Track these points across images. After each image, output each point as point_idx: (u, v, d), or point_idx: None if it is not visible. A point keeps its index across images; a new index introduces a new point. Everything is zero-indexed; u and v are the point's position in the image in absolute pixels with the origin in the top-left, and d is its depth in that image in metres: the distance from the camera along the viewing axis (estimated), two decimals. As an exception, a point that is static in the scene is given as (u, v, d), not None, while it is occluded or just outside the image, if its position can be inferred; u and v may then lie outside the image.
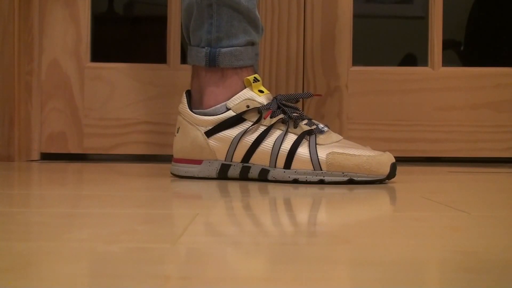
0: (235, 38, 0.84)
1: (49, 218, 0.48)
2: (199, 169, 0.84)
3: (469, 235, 0.42)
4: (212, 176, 0.83)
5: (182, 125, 0.85)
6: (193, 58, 0.86)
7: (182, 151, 0.84)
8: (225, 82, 0.84)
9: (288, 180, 0.79)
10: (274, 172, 0.80)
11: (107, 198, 0.62)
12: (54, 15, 1.24)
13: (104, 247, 0.36)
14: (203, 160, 0.83)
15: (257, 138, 0.80)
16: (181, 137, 0.84)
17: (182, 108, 0.85)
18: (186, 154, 0.84)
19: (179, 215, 0.51)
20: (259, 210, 0.55)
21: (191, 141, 0.83)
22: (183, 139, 0.84)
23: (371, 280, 0.30)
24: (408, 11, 2.58)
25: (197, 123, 0.83)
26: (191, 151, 0.84)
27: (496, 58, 1.75)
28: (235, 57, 0.84)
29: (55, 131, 1.24)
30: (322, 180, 0.78)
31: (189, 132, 0.84)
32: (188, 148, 0.84)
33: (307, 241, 0.39)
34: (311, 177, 0.78)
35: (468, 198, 0.64)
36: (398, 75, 1.27)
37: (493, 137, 1.26)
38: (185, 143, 0.84)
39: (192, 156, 0.84)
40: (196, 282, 0.29)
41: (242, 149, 0.81)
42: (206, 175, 0.84)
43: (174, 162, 0.86)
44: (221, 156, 0.82)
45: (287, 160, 0.79)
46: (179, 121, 0.85)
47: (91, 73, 1.24)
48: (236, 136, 0.81)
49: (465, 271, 0.32)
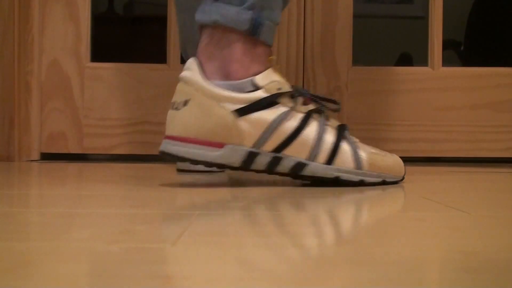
0: (274, 12, 0.73)
1: (49, 218, 0.48)
2: (220, 154, 0.68)
3: (469, 235, 0.42)
4: (233, 165, 0.69)
5: (195, 98, 0.68)
6: (227, 18, 0.70)
7: (197, 130, 0.68)
8: (255, 56, 0.72)
9: (329, 177, 0.71)
10: (312, 167, 0.70)
11: (107, 198, 0.62)
12: (54, 15, 1.24)
13: (104, 247, 0.36)
14: (226, 144, 0.68)
15: (298, 126, 0.70)
16: (196, 113, 0.68)
17: (194, 77, 0.69)
18: (203, 134, 0.68)
19: (179, 215, 0.51)
20: (260, 210, 0.55)
21: (216, 119, 0.68)
22: (199, 116, 0.68)
23: (371, 280, 0.30)
24: (408, 11, 2.58)
25: (222, 99, 0.68)
26: (212, 131, 0.68)
27: (496, 58, 1.75)
28: (272, 34, 0.73)
29: (55, 131, 1.24)
30: (362, 180, 0.72)
31: (212, 108, 0.68)
32: (209, 128, 0.68)
33: (307, 241, 0.39)
34: (353, 177, 0.71)
35: (468, 198, 0.64)
36: (398, 75, 1.27)
37: (493, 137, 1.26)
38: (204, 121, 0.68)
39: (212, 137, 0.68)
40: (196, 282, 0.29)
41: (279, 137, 0.69)
42: (226, 162, 0.69)
43: (181, 141, 0.69)
44: (250, 141, 0.69)
45: (331, 155, 0.71)
46: (187, 93, 0.69)
47: (91, 73, 1.24)
48: (274, 120, 0.69)
49: (465, 271, 0.31)
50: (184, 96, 0.69)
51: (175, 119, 0.69)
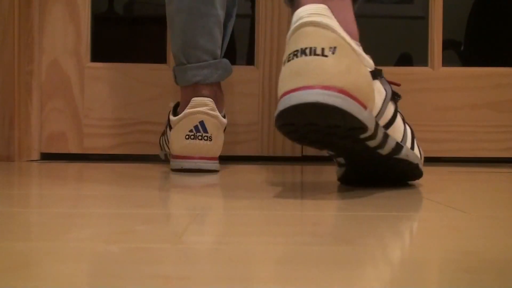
0: None
1: (49, 218, 0.48)
2: (367, 116, 0.58)
3: (469, 235, 0.42)
4: (371, 130, 0.59)
5: (344, 47, 0.57)
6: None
7: (351, 83, 0.56)
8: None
9: (414, 163, 0.68)
10: (406, 150, 0.66)
11: (107, 198, 0.62)
12: (54, 15, 1.24)
13: (104, 247, 0.36)
14: (367, 107, 0.58)
15: (395, 108, 0.66)
16: (349, 64, 0.57)
17: (335, 25, 0.57)
18: (354, 89, 0.56)
19: (179, 215, 0.51)
20: (260, 210, 0.55)
21: (364, 76, 0.59)
22: (351, 68, 0.57)
23: (371, 280, 0.30)
24: (408, 11, 2.58)
25: (362, 58, 0.60)
26: (360, 89, 0.57)
27: (496, 58, 1.75)
28: None
29: (55, 131, 1.24)
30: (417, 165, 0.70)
31: (359, 63, 0.58)
32: (359, 84, 0.57)
33: (308, 241, 0.39)
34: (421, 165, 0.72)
35: (468, 198, 0.64)
36: (398, 75, 1.27)
37: (493, 137, 1.26)
38: (357, 75, 0.57)
39: (359, 95, 0.57)
40: (196, 282, 0.29)
41: (388, 113, 0.64)
42: (369, 124, 0.58)
43: (339, 92, 0.55)
44: (375, 110, 0.61)
45: (412, 141, 0.68)
46: (333, 39, 0.57)
47: (91, 73, 1.24)
48: (386, 95, 0.64)
49: (465, 271, 0.31)
50: (330, 42, 0.56)
51: (323, 67, 0.55)
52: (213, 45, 0.98)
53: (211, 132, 0.93)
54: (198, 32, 0.96)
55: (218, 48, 0.99)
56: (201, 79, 0.96)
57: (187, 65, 0.97)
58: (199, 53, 0.97)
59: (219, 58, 0.99)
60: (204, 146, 0.92)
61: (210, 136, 0.93)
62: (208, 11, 0.96)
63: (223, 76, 1.00)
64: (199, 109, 0.92)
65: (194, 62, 0.97)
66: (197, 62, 0.97)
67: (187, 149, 0.93)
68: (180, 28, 0.98)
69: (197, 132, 0.93)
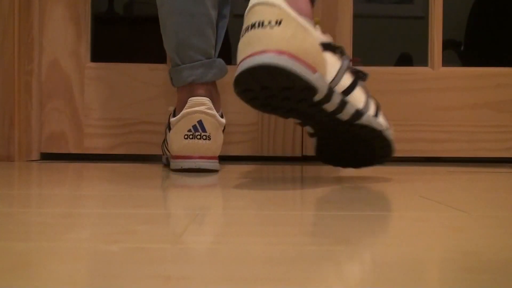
0: None
1: (49, 218, 0.48)
2: (316, 78, 0.65)
3: (469, 235, 0.42)
4: (322, 93, 0.66)
5: (289, 19, 0.64)
6: None
7: (297, 47, 0.63)
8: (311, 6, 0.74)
9: (377, 129, 0.74)
10: (367, 116, 0.72)
11: (107, 198, 0.62)
12: (54, 15, 1.24)
13: (104, 247, 0.36)
14: (317, 70, 0.65)
15: (354, 79, 0.72)
16: (294, 32, 0.64)
17: (280, 3, 0.65)
18: (301, 53, 0.63)
19: (179, 215, 0.51)
20: (259, 210, 0.55)
21: (312, 42, 0.65)
22: (297, 34, 0.64)
23: (371, 280, 0.30)
24: (408, 11, 2.58)
25: (308, 30, 0.66)
26: (309, 53, 0.64)
27: (496, 58, 1.75)
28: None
29: (55, 131, 1.24)
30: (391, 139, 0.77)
31: (305, 31, 0.65)
32: (306, 48, 0.64)
33: (307, 241, 0.39)
34: (388, 135, 0.76)
35: (468, 198, 0.64)
36: (398, 75, 1.27)
37: (493, 137, 1.26)
38: (303, 41, 0.64)
39: (307, 58, 0.64)
40: (196, 282, 0.29)
41: (345, 82, 0.70)
42: (319, 86, 0.65)
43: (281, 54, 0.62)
44: (329, 77, 0.68)
45: (376, 111, 0.74)
46: (278, 14, 0.64)
47: (91, 73, 1.25)
48: (342, 65, 0.70)
49: (465, 271, 0.32)
50: (275, 16, 0.64)
51: (270, 35, 0.63)
52: (206, 44, 0.98)
53: (209, 131, 0.93)
54: (191, 32, 0.97)
55: (211, 48, 0.99)
56: (195, 78, 0.96)
57: (182, 65, 0.97)
58: (193, 53, 0.97)
59: (212, 58, 0.99)
60: (203, 145, 0.92)
61: (209, 135, 0.93)
62: (199, 11, 0.97)
63: (218, 76, 1.00)
64: (196, 108, 0.92)
65: (188, 62, 0.97)
66: (191, 62, 0.97)
67: (186, 149, 0.93)
68: (172, 30, 0.98)
69: (195, 132, 0.92)
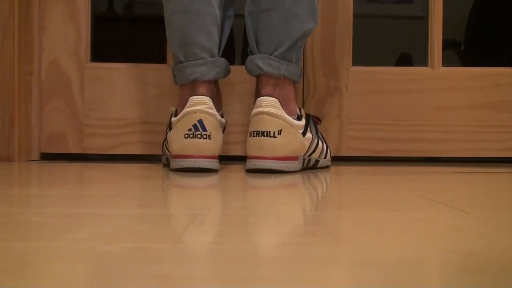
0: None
1: (49, 218, 0.48)
2: (297, 165, 0.98)
3: (469, 235, 0.42)
4: (298, 169, 0.99)
5: (286, 128, 0.95)
6: (291, 73, 0.99)
7: (289, 150, 0.95)
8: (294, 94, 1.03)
9: (324, 166, 1.11)
10: (321, 161, 1.09)
11: (107, 198, 0.62)
12: (54, 15, 1.24)
13: (104, 247, 0.36)
14: (299, 156, 0.99)
15: (318, 140, 1.06)
16: (289, 139, 0.95)
17: (282, 114, 0.94)
18: (292, 151, 0.96)
19: (179, 215, 0.51)
20: (259, 210, 0.55)
21: (298, 141, 0.97)
22: (291, 141, 0.95)
23: (371, 280, 0.30)
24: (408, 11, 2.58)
25: (297, 127, 0.97)
26: (297, 150, 0.97)
27: (496, 58, 1.75)
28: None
29: (55, 131, 1.24)
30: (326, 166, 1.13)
31: (295, 134, 0.96)
32: (294, 148, 0.96)
33: (307, 241, 0.39)
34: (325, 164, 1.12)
35: (468, 198, 0.64)
36: (398, 75, 1.27)
37: (493, 137, 1.26)
38: (293, 144, 0.96)
39: (296, 153, 0.97)
40: (196, 282, 0.29)
41: (312, 146, 1.03)
42: (298, 169, 0.99)
43: (283, 160, 0.94)
44: (306, 152, 1.02)
45: (325, 154, 1.11)
46: (280, 124, 0.94)
47: (91, 73, 1.25)
48: (314, 135, 1.04)
49: (465, 271, 0.32)
50: (278, 126, 0.94)
51: (273, 144, 0.94)
52: (211, 43, 0.98)
53: (209, 130, 0.93)
54: (195, 30, 0.97)
55: (215, 46, 0.99)
56: (198, 76, 0.96)
57: (185, 63, 0.97)
58: (197, 51, 0.97)
59: (216, 56, 0.99)
60: (204, 145, 0.92)
61: (209, 134, 0.93)
62: (205, 9, 0.97)
63: (221, 75, 1.00)
64: (197, 107, 0.92)
65: (192, 59, 0.97)
66: (195, 60, 0.97)
67: (186, 148, 0.93)
68: (177, 27, 0.98)
69: (196, 131, 0.92)
